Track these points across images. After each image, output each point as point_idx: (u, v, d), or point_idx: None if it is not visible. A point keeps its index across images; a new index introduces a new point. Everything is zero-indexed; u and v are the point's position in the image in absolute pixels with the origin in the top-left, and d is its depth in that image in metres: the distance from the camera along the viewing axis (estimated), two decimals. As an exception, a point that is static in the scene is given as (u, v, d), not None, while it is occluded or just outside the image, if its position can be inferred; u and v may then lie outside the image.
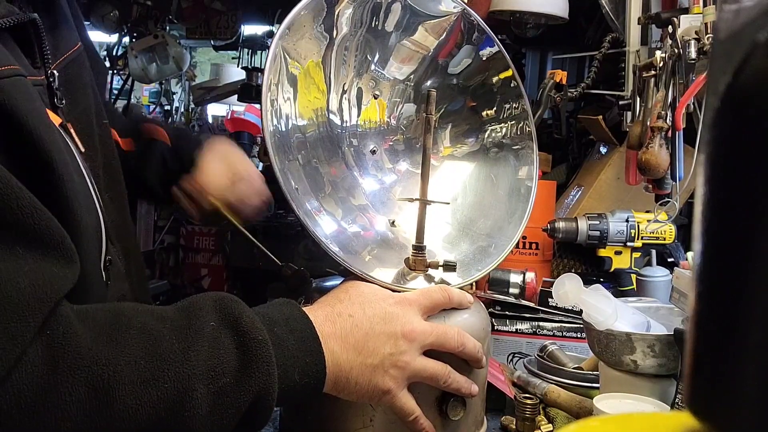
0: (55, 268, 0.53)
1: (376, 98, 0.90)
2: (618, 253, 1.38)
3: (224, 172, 1.00)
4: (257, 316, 0.62)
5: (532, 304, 1.20)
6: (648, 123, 1.20)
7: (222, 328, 0.59)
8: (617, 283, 1.41)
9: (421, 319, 0.71)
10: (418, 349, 0.69)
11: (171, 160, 1.01)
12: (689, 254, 1.14)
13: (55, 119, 0.64)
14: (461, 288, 0.79)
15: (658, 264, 1.39)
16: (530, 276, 1.26)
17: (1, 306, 0.48)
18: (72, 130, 0.68)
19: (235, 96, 2.99)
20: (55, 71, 0.67)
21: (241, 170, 1.01)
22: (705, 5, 1.20)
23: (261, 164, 3.06)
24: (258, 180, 1.03)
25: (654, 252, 1.40)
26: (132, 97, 3.29)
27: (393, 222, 0.88)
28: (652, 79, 1.23)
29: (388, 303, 0.70)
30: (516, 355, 1.16)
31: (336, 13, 0.81)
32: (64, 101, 0.69)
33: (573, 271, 1.58)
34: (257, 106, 2.78)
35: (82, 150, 0.70)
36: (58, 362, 0.51)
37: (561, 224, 1.38)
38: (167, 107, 3.56)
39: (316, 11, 0.79)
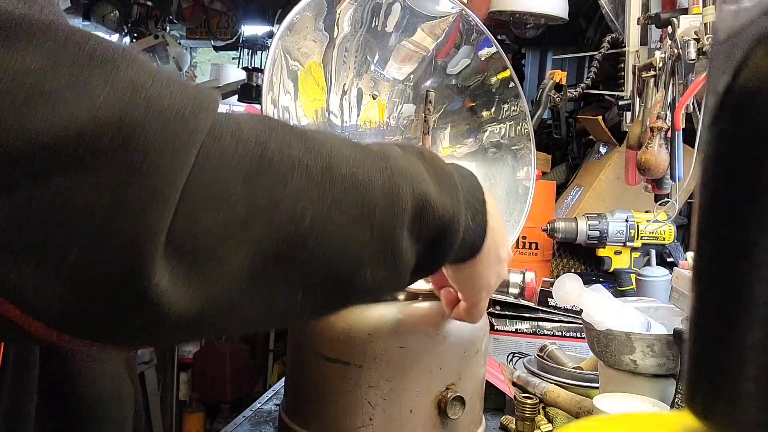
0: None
1: (374, 98, 0.90)
2: (617, 253, 1.38)
3: None
4: None
5: (531, 304, 1.20)
6: (647, 123, 1.20)
7: (410, 156, 0.54)
8: (617, 283, 1.41)
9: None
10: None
11: None
12: (689, 254, 1.14)
13: None
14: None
15: (657, 264, 1.39)
16: (530, 276, 1.25)
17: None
18: None
19: (235, 96, 2.99)
20: None
21: None
22: (704, 5, 1.20)
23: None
24: None
25: (653, 252, 1.40)
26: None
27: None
28: (652, 80, 1.23)
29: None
30: (516, 354, 1.16)
31: (337, 13, 0.81)
32: None
33: (573, 271, 1.59)
34: (257, 106, 2.78)
35: None
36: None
37: (560, 224, 1.38)
38: (167, 107, 3.55)
39: (317, 11, 0.79)
